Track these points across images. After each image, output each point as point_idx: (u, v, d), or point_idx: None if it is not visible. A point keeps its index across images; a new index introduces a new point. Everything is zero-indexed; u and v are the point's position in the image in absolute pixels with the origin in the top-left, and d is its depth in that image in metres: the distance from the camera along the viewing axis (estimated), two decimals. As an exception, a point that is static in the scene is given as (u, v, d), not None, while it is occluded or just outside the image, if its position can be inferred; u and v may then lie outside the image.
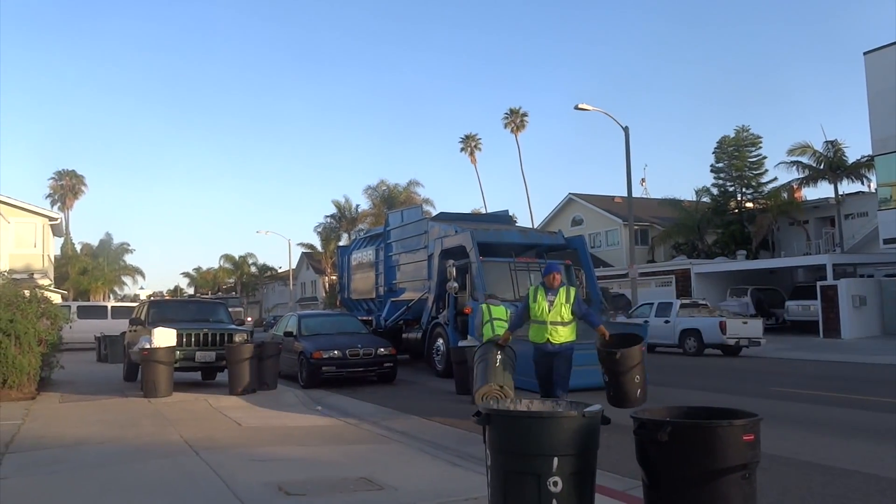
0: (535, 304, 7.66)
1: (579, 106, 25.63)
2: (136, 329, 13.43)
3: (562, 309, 7.58)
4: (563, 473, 3.33)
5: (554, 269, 7.92)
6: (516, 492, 3.42)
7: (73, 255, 59.32)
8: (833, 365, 17.21)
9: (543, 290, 7.72)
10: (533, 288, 7.96)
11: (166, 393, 11.06)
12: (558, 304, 7.58)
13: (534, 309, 7.67)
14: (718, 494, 3.26)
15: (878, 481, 5.68)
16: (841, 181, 34.66)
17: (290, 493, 5.01)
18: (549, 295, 7.65)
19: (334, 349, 13.52)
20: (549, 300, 7.61)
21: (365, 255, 20.97)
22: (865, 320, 26.39)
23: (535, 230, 24.70)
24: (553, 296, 7.62)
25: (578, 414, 3.45)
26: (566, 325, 7.61)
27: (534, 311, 7.68)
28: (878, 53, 26.03)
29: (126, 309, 25.38)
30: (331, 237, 54.77)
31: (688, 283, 33.21)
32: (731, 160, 39.02)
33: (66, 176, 62.37)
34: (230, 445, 7.04)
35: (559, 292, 7.63)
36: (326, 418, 9.11)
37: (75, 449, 6.94)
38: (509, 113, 54.07)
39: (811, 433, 7.92)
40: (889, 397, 10.79)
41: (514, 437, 3.44)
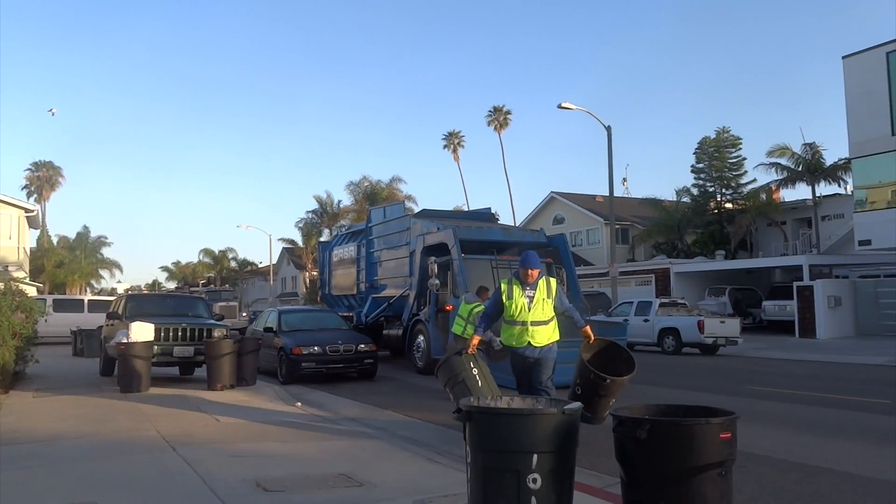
0: (511, 301, 6.54)
1: (562, 105, 25.73)
2: (113, 323, 13.27)
3: (542, 305, 6.54)
4: (543, 470, 3.35)
5: (531, 262, 6.66)
6: (496, 488, 3.42)
7: (50, 247, 58.50)
8: (808, 364, 17.46)
9: (519, 284, 6.61)
10: (505, 282, 6.74)
11: (143, 388, 10.94)
12: (538, 300, 6.53)
13: (509, 308, 6.56)
14: (695, 491, 3.29)
15: (851, 479, 5.77)
16: (818, 183, 35.19)
17: (269, 490, 4.98)
18: (527, 290, 6.57)
19: (314, 345, 13.45)
20: (528, 296, 6.53)
21: (346, 251, 20.90)
22: (840, 321, 26.81)
23: (518, 228, 24.77)
24: (532, 290, 6.55)
25: (558, 411, 3.46)
26: (548, 323, 6.61)
27: (509, 311, 6.58)
28: (856, 58, 26.39)
29: (103, 303, 25.09)
30: (312, 232, 54.49)
31: (667, 282, 33.52)
32: (712, 161, 39.47)
33: (42, 167, 61.45)
34: (208, 441, 6.98)
35: (538, 286, 6.58)
36: (306, 414, 9.07)
37: (50, 444, 6.84)
38: (493, 111, 54.19)
39: (786, 431, 8.02)
40: (863, 397, 10.97)
41: (494, 434, 3.44)
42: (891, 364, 16.94)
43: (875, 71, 25.42)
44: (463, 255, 14.54)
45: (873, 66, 25.53)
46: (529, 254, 6.82)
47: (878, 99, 25.21)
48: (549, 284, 6.64)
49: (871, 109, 25.38)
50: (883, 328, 26.18)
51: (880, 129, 25.13)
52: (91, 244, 62.32)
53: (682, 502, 3.30)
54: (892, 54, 25.07)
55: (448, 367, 6.73)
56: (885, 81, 25.12)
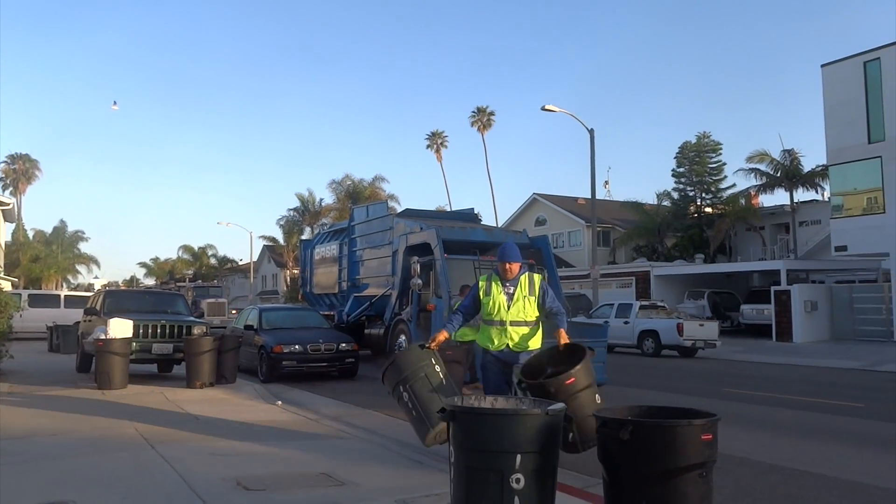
0: (489, 298, 5.80)
1: (546, 107, 25.84)
2: (90, 319, 13.09)
3: (525, 304, 5.76)
4: (526, 470, 3.36)
5: (509, 255, 5.84)
6: (479, 488, 3.43)
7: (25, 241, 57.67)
8: (785, 368, 17.70)
9: (499, 280, 5.87)
10: (484, 278, 6.01)
11: (121, 385, 10.81)
12: (519, 297, 5.76)
13: (486, 305, 5.84)
14: (677, 492, 3.32)
15: (827, 481, 5.86)
16: (796, 189, 35.70)
17: (249, 489, 4.94)
18: (507, 286, 5.82)
19: (295, 344, 13.38)
20: (508, 293, 5.78)
21: (328, 250, 20.80)
22: (816, 325, 27.22)
23: (500, 229, 24.79)
24: (512, 287, 5.78)
25: (542, 412, 3.48)
26: (529, 325, 5.80)
27: (486, 308, 5.85)
28: (834, 66, 26.80)
29: (80, 298, 24.74)
30: (293, 230, 54.19)
31: (647, 284, 33.80)
32: (692, 165, 39.88)
33: (19, 160, 60.50)
34: (187, 439, 6.91)
35: (519, 282, 5.80)
36: (286, 413, 9.02)
37: (25, 441, 6.73)
38: (476, 111, 54.23)
39: (763, 434, 8.13)
40: (838, 400, 11.15)
41: (478, 434, 3.45)
42: (865, 368, 17.23)
43: (853, 80, 25.84)
44: (445, 255, 14.53)
45: (851, 75, 25.95)
46: (508, 245, 5.99)
47: (856, 107, 25.62)
48: (531, 281, 5.85)
49: (849, 118, 25.80)
50: (857, 333, 26.62)
51: (857, 137, 25.55)
52: (68, 239, 61.49)
53: (664, 502, 3.33)
54: (869, 64, 25.50)
55: (405, 362, 5.61)
56: (863, 90, 25.55)
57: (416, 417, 5.52)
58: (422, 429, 5.49)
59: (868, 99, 25.43)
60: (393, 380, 5.62)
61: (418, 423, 5.53)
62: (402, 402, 5.60)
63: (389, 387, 5.68)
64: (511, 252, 5.92)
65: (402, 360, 5.69)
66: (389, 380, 5.66)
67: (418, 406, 5.45)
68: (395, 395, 5.66)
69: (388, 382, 5.68)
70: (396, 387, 5.59)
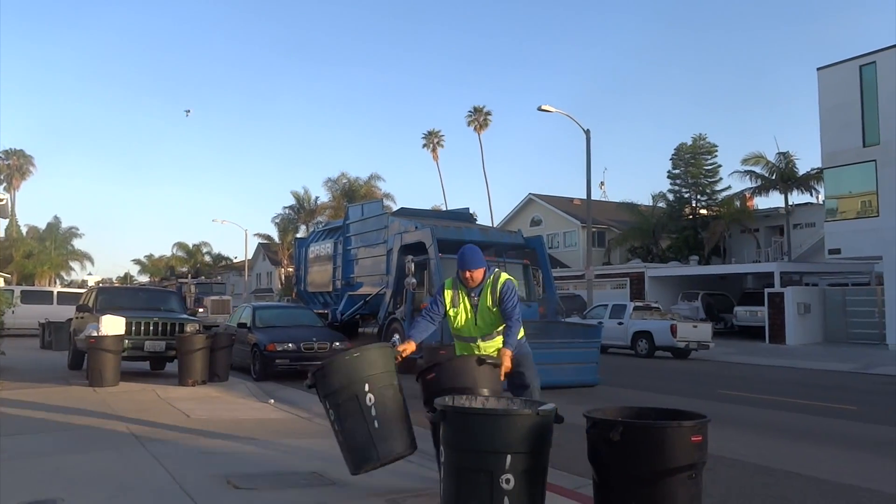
0: (455, 310, 5.10)
1: (542, 107, 25.86)
2: (83, 316, 13.04)
3: (487, 315, 5.05)
4: (516, 471, 3.35)
5: (468, 261, 5.01)
6: (469, 488, 3.42)
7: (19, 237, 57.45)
8: (778, 370, 17.75)
9: (463, 287, 5.11)
10: (449, 282, 5.20)
11: (113, 382, 10.77)
12: (483, 308, 5.05)
13: (453, 319, 5.12)
14: (666, 493, 3.32)
15: (819, 483, 5.87)
16: (791, 192, 35.79)
17: (239, 487, 4.93)
18: (472, 295, 5.08)
19: (289, 342, 13.35)
20: (473, 303, 5.08)
21: (323, 248, 20.78)
22: (809, 327, 27.31)
23: (495, 229, 24.83)
24: (477, 296, 5.06)
25: (533, 412, 3.47)
26: (495, 337, 5.11)
27: (453, 322, 5.15)
28: (830, 70, 26.88)
29: (73, 295, 24.65)
30: (288, 228, 54.12)
31: (642, 285, 33.86)
32: (688, 167, 39.97)
33: (13, 155, 60.22)
34: (178, 437, 6.88)
35: (483, 289, 5.05)
36: (278, 412, 9.00)
37: (15, 438, 6.69)
38: (473, 111, 54.28)
39: (755, 435, 8.14)
40: (830, 402, 11.18)
41: (468, 434, 3.44)
42: (857, 371, 17.29)
43: (848, 83, 25.91)
44: (440, 254, 14.54)
45: (846, 78, 26.02)
46: (467, 250, 5.08)
47: (851, 111, 25.70)
48: (494, 286, 5.02)
49: (844, 121, 25.87)
50: (850, 335, 26.72)
51: (852, 140, 25.62)
52: (62, 235, 61.26)
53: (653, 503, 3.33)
54: (864, 67, 25.57)
55: (353, 368, 4.47)
56: (858, 94, 25.62)
57: (348, 444, 4.55)
58: (356, 457, 4.53)
59: (863, 102, 25.50)
60: (330, 388, 4.49)
61: (350, 450, 4.55)
62: (334, 418, 4.55)
63: (323, 393, 4.54)
64: (471, 258, 5.03)
65: (350, 365, 4.48)
66: (323, 387, 4.51)
67: (356, 434, 4.46)
68: (329, 405, 4.56)
69: (321, 389, 4.53)
70: (333, 396, 4.49)
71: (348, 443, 4.55)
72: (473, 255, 5.08)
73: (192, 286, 39.25)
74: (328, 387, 4.51)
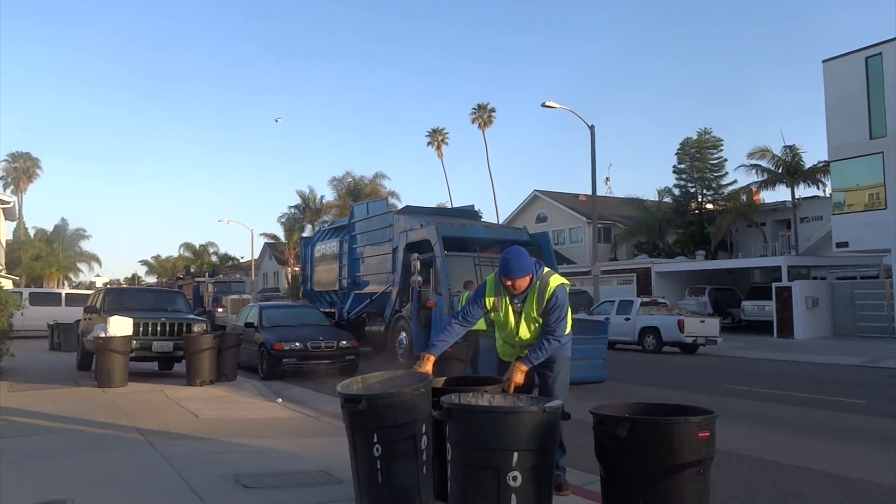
0: (498, 315, 4.67)
1: (546, 103, 25.78)
2: (90, 317, 13.09)
3: (533, 325, 4.59)
4: (523, 468, 3.35)
5: (512, 269, 4.44)
6: (476, 486, 3.42)
7: (27, 240, 57.74)
8: (786, 364, 17.68)
9: (505, 291, 4.58)
10: (491, 280, 4.72)
11: (121, 383, 10.81)
12: (528, 317, 4.56)
13: (497, 322, 4.77)
14: (674, 489, 3.31)
15: (827, 477, 5.85)
16: (798, 185, 35.63)
17: (248, 486, 4.94)
18: (516, 302, 4.59)
19: (296, 341, 13.38)
20: (517, 310, 4.59)
21: (329, 247, 20.80)
22: (817, 321, 27.18)
23: (501, 226, 24.82)
24: (521, 303, 4.57)
25: (539, 409, 3.47)
26: None
27: (499, 325, 4.77)
28: (836, 62, 26.73)
29: (81, 296, 24.75)
30: (294, 228, 54.19)
31: (648, 281, 33.77)
32: (693, 162, 39.83)
33: (20, 158, 60.52)
34: (186, 437, 6.91)
35: (528, 298, 4.53)
36: (286, 411, 9.02)
37: (24, 439, 6.73)
38: (477, 108, 54.17)
39: (763, 430, 8.12)
40: (838, 396, 11.14)
41: (474, 432, 3.43)
42: (866, 364, 17.21)
43: (854, 75, 25.77)
44: (446, 251, 14.53)
45: (852, 70, 25.88)
46: (511, 254, 4.52)
47: (857, 103, 25.56)
48: (540, 297, 4.48)
49: (850, 113, 25.74)
50: (859, 329, 26.59)
51: (859, 132, 25.49)
52: (69, 237, 61.51)
53: (661, 500, 3.32)
54: (871, 59, 25.42)
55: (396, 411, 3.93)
56: (864, 86, 25.49)
57: (388, 484, 3.97)
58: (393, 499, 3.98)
59: (870, 94, 25.36)
60: (388, 422, 3.93)
61: (388, 491, 3.98)
62: (381, 454, 3.93)
63: (370, 426, 3.96)
64: (515, 264, 4.44)
65: (416, 400, 3.96)
66: (377, 418, 3.93)
67: (402, 476, 3.95)
68: (378, 440, 3.94)
69: (371, 419, 3.94)
70: (390, 432, 3.94)
71: (390, 483, 3.97)
72: (519, 261, 4.44)
73: (209, 285, 37.57)
74: (384, 420, 3.93)
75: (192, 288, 38.13)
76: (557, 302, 4.46)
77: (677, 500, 3.31)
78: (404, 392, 4.04)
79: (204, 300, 36.32)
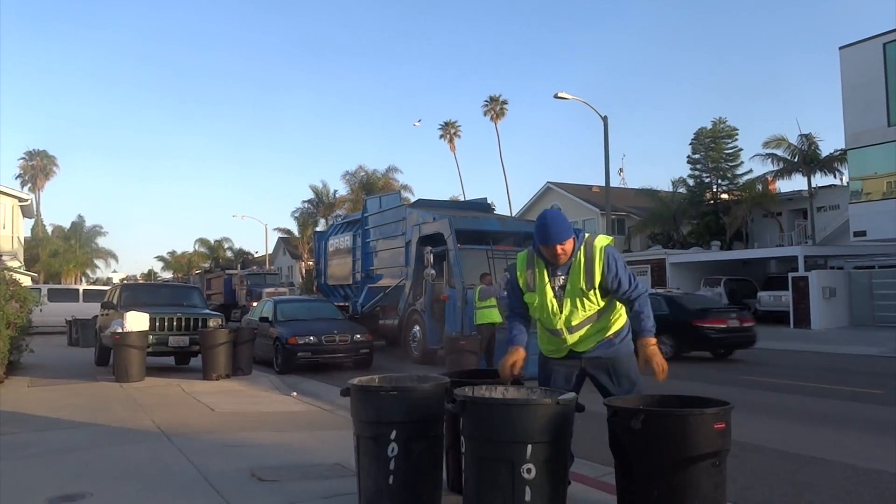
0: (533, 295, 3.95)
1: (559, 95, 25.61)
2: (108, 313, 13.24)
3: (579, 299, 3.84)
4: (537, 460, 3.34)
5: (551, 233, 3.76)
6: (490, 478, 3.42)
7: (44, 237, 58.40)
8: (803, 355, 17.53)
9: (542, 262, 3.91)
10: (522, 257, 4.06)
11: (138, 378, 10.93)
12: (574, 290, 3.83)
13: (531, 305, 4.00)
14: (689, 481, 3.29)
15: (844, 468, 5.80)
16: (814, 174, 35.21)
17: (263, 479, 4.98)
18: (558, 275, 3.87)
19: (310, 335, 13.46)
20: (558, 285, 3.87)
21: (342, 241, 20.88)
22: (835, 311, 26.90)
23: (514, 218, 24.77)
24: (563, 275, 3.85)
25: (553, 401, 3.46)
26: (601, 314, 3.90)
27: (532, 309, 4.02)
28: (853, 48, 26.34)
29: (98, 292, 25.02)
30: (308, 222, 54.35)
31: (663, 272, 33.57)
32: (708, 152, 39.45)
33: (36, 156, 61.18)
34: (203, 431, 6.97)
35: (573, 266, 3.83)
36: (301, 404, 9.07)
37: (44, 434, 6.83)
38: (489, 100, 53.95)
39: (780, 421, 8.06)
40: (856, 387, 11.02)
41: (488, 425, 3.43)
42: (884, 355, 17.02)
43: (872, 62, 25.38)
44: (459, 245, 14.53)
45: (870, 56, 25.48)
46: (548, 216, 3.86)
47: (875, 90, 25.18)
48: (588, 259, 3.80)
49: (868, 100, 25.36)
50: (877, 319, 26.29)
51: (876, 120, 25.12)
52: (86, 233, 62.17)
53: (676, 492, 3.30)
54: (889, 45, 25.02)
55: None
56: (882, 72, 25.09)
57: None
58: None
59: (888, 81, 24.96)
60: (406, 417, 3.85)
61: None
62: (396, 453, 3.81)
63: (392, 420, 3.84)
64: (557, 227, 3.78)
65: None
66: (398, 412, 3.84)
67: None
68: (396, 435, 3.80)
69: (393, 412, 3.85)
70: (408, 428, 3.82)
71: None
72: (559, 222, 3.80)
73: (243, 278, 33.53)
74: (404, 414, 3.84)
75: (223, 281, 35.09)
76: (616, 262, 3.82)
77: (692, 492, 3.29)
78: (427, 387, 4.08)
79: (236, 294, 33.24)
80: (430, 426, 3.97)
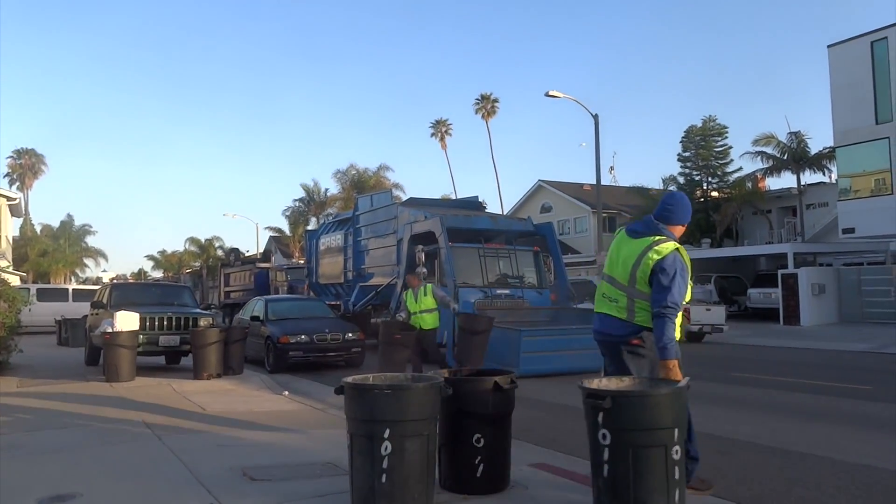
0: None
1: (550, 93, 25.65)
2: (98, 312, 13.17)
3: (635, 276, 4.71)
4: (681, 442, 3.61)
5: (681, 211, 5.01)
6: (646, 464, 3.58)
7: (33, 236, 57.97)
8: (792, 351, 17.64)
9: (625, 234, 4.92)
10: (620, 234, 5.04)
11: (129, 377, 10.89)
12: (642, 270, 4.68)
13: None
14: None
15: (833, 464, 5.84)
16: (803, 172, 35.40)
17: (255, 479, 4.97)
18: None
19: (302, 334, 13.42)
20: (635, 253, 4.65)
21: (333, 240, 20.83)
22: (824, 308, 27.08)
23: (505, 216, 24.76)
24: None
25: (686, 386, 3.78)
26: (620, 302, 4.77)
27: None
28: (841, 47, 26.52)
29: (88, 292, 24.87)
30: (299, 221, 54.22)
31: (654, 270, 33.64)
32: (698, 149, 39.59)
33: (24, 155, 60.72)
34: (194, 430, 6.95)
35: (644, 258, 4.68)
36: (293, 403, 9.06)
37: (34, 434, 6.79)
38: (480, 99, 53.97)
39: (770, 417, 8.11)
40: (845, 383, 11.11)
41: (644, 415, 3.58)
42: (872, 351, 17.17)
43: (860, 60, 25.57)
44: (450, 243, 14.53)
45: (858, 55, 25.67)
46: (677, 198, 5.08)
47: (863, 88, 25.37)
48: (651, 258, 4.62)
49: (856, 98, 25.55)
50: (865, 315, 26.49)
51: (864, 118, 25.31)
52: (75, 233, 61.76)
53: None
54: (876, 44, 25.21)
55: None
56: (870, 71, 25.28)
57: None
58: None
59: (875, 79, 25.16)
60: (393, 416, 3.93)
61: None
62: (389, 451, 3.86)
63: (386, 418, 3.93)
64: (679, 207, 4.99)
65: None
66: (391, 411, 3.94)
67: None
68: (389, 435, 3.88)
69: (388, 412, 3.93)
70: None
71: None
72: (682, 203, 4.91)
73: (281, 272, 29.92)
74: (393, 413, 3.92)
75: (255, 276, 30.24)
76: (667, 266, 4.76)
77: None
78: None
79: (270, 289, 28.46)
80: (424, 425, 3.99)
